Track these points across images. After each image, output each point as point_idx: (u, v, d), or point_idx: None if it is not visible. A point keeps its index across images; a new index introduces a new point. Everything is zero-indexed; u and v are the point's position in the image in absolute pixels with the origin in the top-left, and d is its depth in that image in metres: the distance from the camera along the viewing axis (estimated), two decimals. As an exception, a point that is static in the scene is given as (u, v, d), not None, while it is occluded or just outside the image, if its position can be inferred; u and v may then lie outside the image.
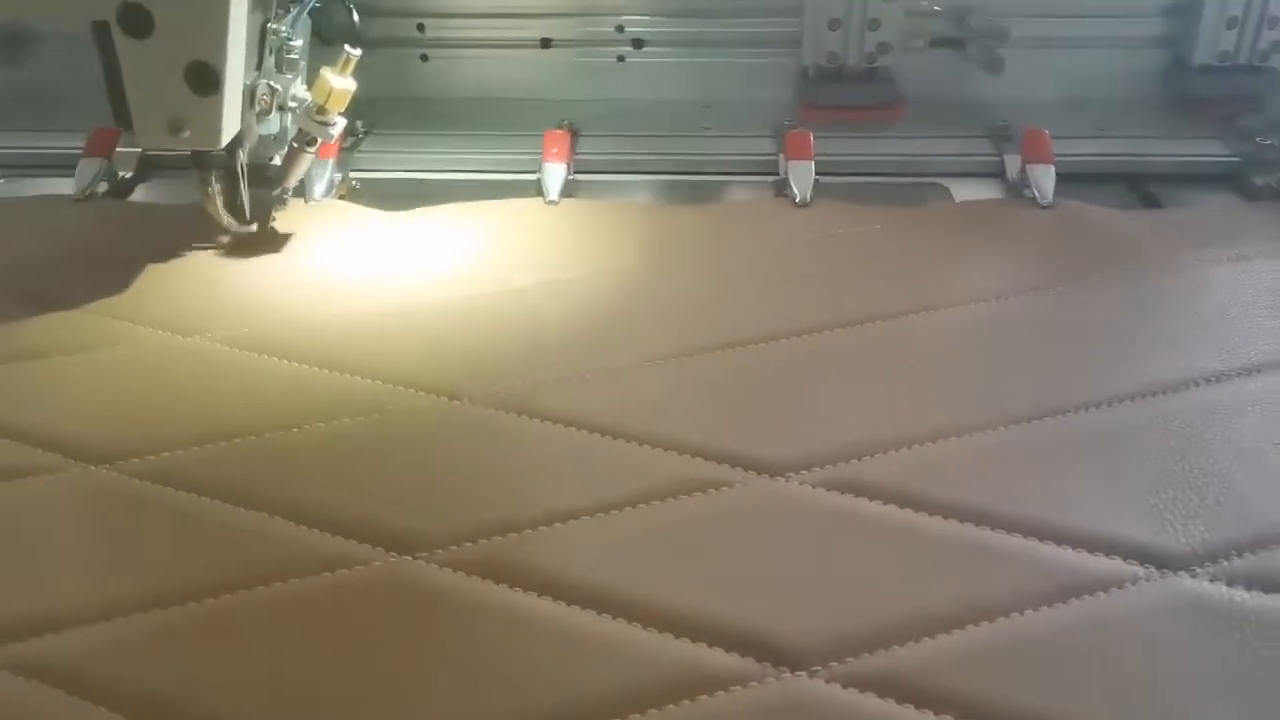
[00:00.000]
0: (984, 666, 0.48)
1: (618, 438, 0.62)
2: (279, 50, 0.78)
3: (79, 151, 0.94)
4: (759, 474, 0.59)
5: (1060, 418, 0.64)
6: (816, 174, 0.92)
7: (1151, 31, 1.04)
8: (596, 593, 0.51)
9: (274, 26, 0.77)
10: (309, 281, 0.78)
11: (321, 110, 0.79)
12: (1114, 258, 0.81)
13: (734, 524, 0.56)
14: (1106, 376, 0.67)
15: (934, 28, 1.03)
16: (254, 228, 0.83)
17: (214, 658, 0.49)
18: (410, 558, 0.54)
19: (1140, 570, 0.53)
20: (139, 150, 0.97)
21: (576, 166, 0.94)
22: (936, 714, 0.46)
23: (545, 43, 1.07)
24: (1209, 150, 0.97)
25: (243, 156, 0.78)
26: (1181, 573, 0.53)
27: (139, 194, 0.95)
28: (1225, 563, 0.54)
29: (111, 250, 0.83)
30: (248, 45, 0.73)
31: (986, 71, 1.04)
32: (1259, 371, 0.68)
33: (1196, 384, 0.67)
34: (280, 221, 0.85)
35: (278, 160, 0.82)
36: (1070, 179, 0.91)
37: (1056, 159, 0.92)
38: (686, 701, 0.46)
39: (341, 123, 0.81)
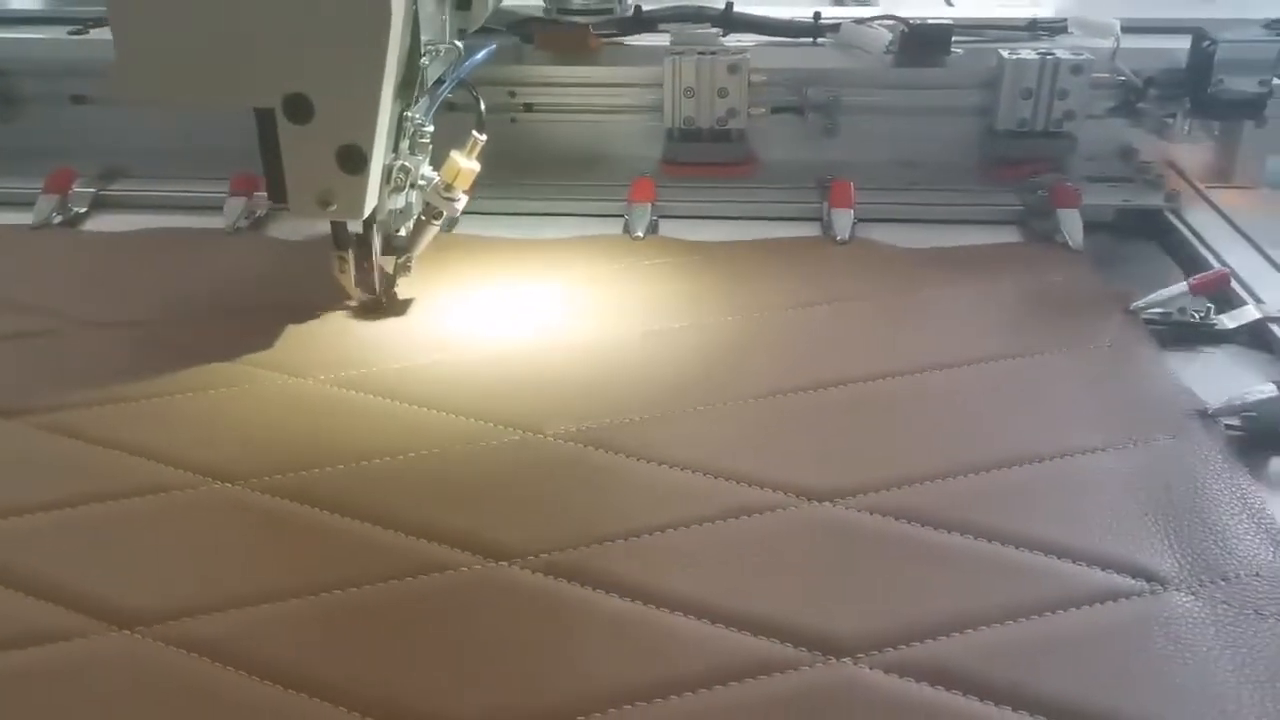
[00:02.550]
0: (664, 558, 0.64)
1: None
2: (413, 135, 0.86)
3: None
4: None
5: (800, 394, 0.80)
6: (660, 217, 1.09)
7: (969, 102, 1.20)
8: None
9: (410, 114, 0.85)
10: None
11: (449, 188, 0.89)
12: (886, 279, 0.97)
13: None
14: (849, 364, 0.83)
15: (775, 97, 1.19)
16: (381, 298, 0.92)
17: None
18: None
19: (794, 500, 0.68)
20: (93, 190, 1.15)
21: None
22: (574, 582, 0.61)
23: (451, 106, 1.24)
24: (1002, 201, 1.12)
25: (376, 229, 0.88)
26: (826, 503, 0.68)
27: (90, 224, 1.13)
28: (863, 496, 0.68)
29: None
30: (389, 130, 0.82)
31: (824, 135, 1.21)
32: (956, 367, 0.83)
33: (910, 373, 0.82)
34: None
35: (403, 231, 0.91)
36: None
37: (870, 205, 1.10)
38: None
39: (464, 199, 0.90)
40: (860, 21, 1.21)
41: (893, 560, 0.64)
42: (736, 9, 1.23)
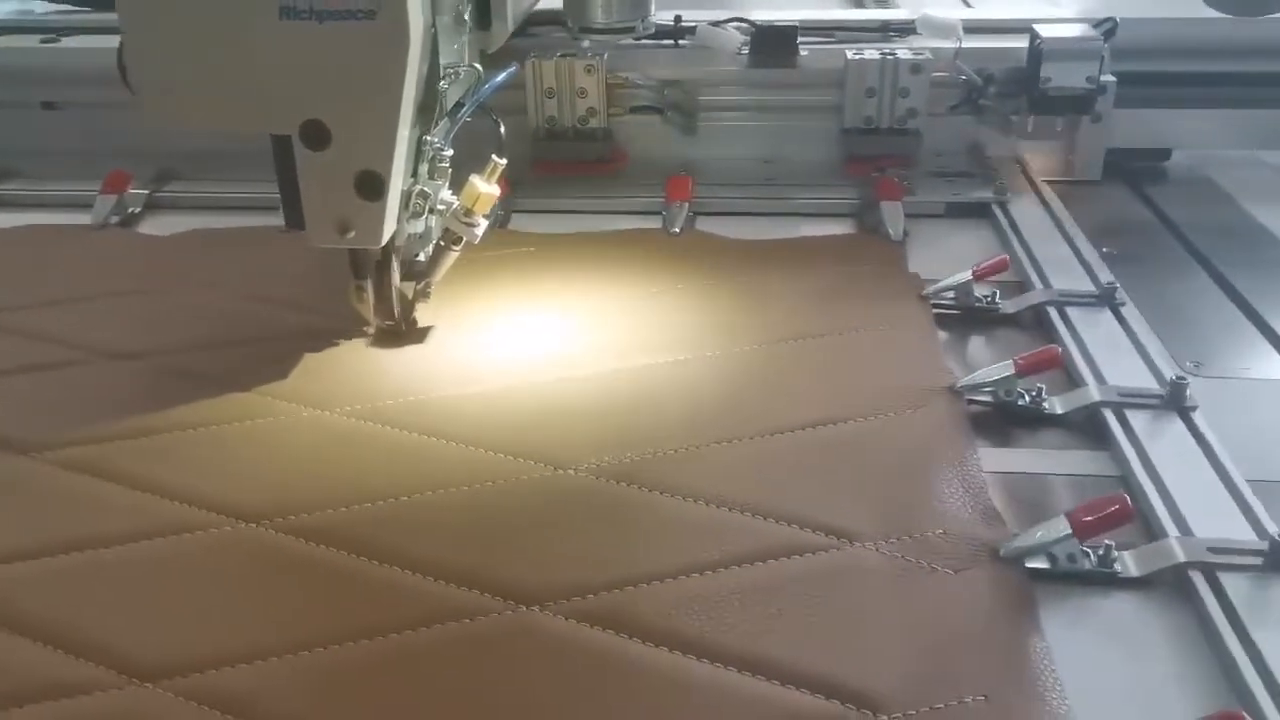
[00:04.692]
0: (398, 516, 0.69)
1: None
2: (432, 159, 0.85)
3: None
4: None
5: (579, 377, 0.85)
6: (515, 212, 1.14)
7: (822, 101, 1.24)
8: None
9: (429, 138, 0.84)
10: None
11: (468, 213, 0.87)
12: (706, 269, 1.02)
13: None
14: (636, 348, 0.89)
15: (636, 97, 1.24)
16: (401, 325, 0.90)
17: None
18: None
19: (534, 466, 0.73)
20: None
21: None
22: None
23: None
24: (844, 195, 1.17)
25: (395, 255, 0.86)
26: (568, 470, 0.73)
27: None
28: (593, 464, 0.73)
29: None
30: (408, 155, 0.81)
31: (682, 134, 1.25)
32: (740, 348, 0.88)
33: (693, 355, 0.87)
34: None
35: (422, 257, 0.89)
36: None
37: (722, 200, 1.17)
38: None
39: (484, 224, 0.88)
40: (716, 24, 1.26)
41: (600, 519, 0.69)
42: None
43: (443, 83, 0.84)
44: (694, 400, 0.81)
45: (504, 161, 0.90)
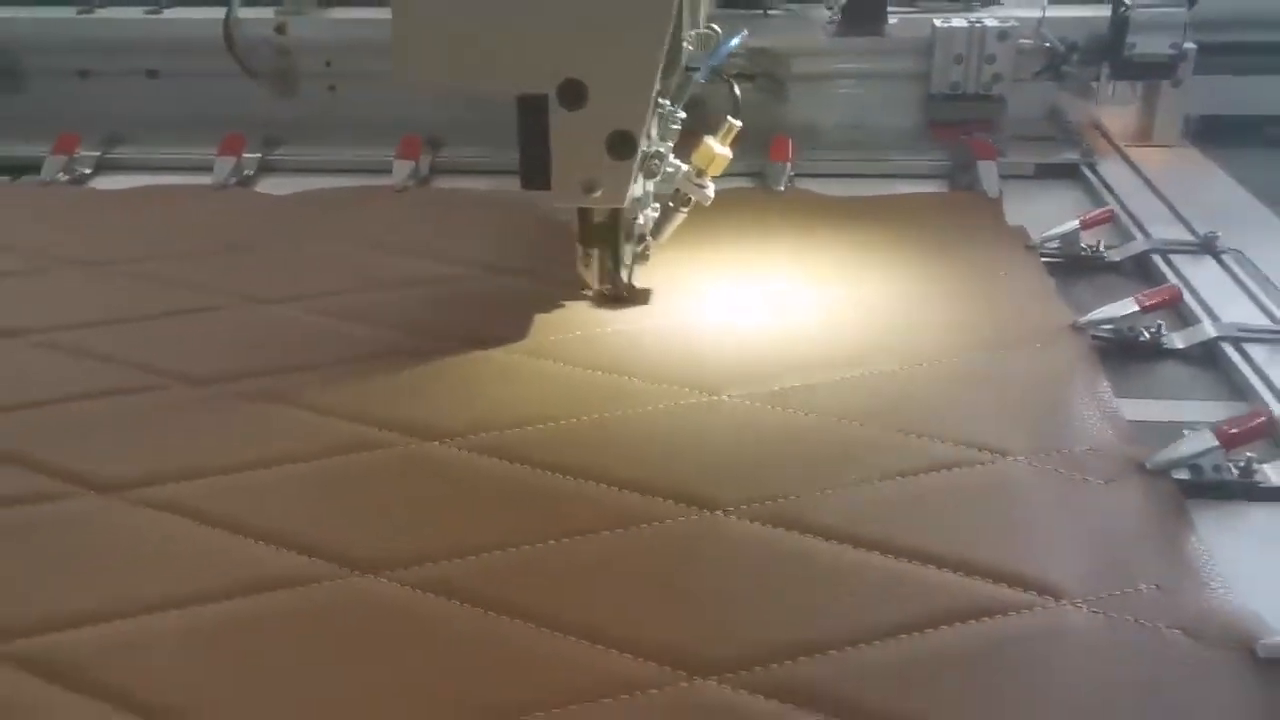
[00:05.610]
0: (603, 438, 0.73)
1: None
2: (664, 120, 0.85)
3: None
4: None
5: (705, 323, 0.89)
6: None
7: (910, 66, 1.28)
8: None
9: (664, 100, 0.84)
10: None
11: (700, 174, 0.87)
12: (812, 222, 1.07)
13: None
14: (813, 286, 0.94)
15: (728, 66, 1.28)
16: (623, 291, 0.91)
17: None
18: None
19: (698, 395, 0.77)
20: (98, 153, 1.26)
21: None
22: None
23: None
24: (934, 158, 1.21)
25: (627, 217, 0.86)
26: (720, 396, 0.77)
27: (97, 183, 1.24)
28: (756, 389, 0.77)
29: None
30: (650, 117, 0.80)
31: (773, 100, 1.30)
32: (867, 288, 0.93)
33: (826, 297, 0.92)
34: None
35: (641, 220, 0.88)
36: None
37: (816, 163, 1.21)
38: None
39: (713, 186, 0.88)
40: (806, -7, 1.30)
41: (774, 440, 0.73)
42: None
43: (686, 44, 0.85)
44: (833, 334, 0.86)
45: (739, 124, 0.88)
